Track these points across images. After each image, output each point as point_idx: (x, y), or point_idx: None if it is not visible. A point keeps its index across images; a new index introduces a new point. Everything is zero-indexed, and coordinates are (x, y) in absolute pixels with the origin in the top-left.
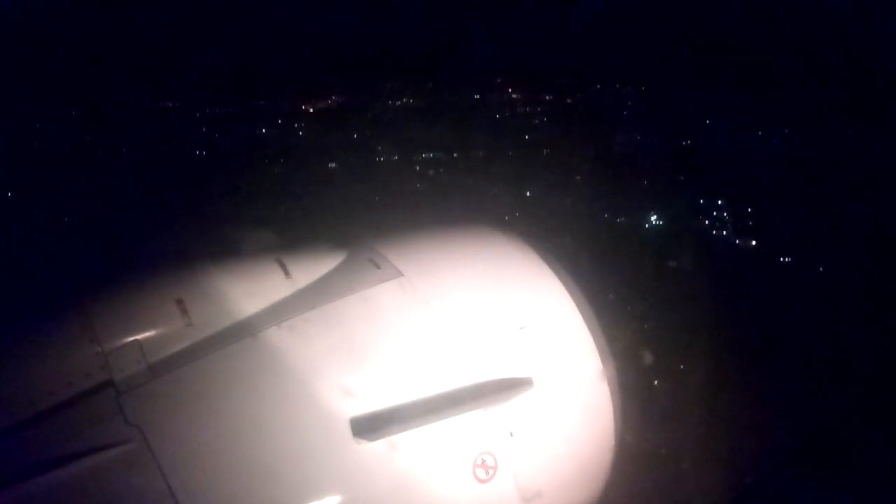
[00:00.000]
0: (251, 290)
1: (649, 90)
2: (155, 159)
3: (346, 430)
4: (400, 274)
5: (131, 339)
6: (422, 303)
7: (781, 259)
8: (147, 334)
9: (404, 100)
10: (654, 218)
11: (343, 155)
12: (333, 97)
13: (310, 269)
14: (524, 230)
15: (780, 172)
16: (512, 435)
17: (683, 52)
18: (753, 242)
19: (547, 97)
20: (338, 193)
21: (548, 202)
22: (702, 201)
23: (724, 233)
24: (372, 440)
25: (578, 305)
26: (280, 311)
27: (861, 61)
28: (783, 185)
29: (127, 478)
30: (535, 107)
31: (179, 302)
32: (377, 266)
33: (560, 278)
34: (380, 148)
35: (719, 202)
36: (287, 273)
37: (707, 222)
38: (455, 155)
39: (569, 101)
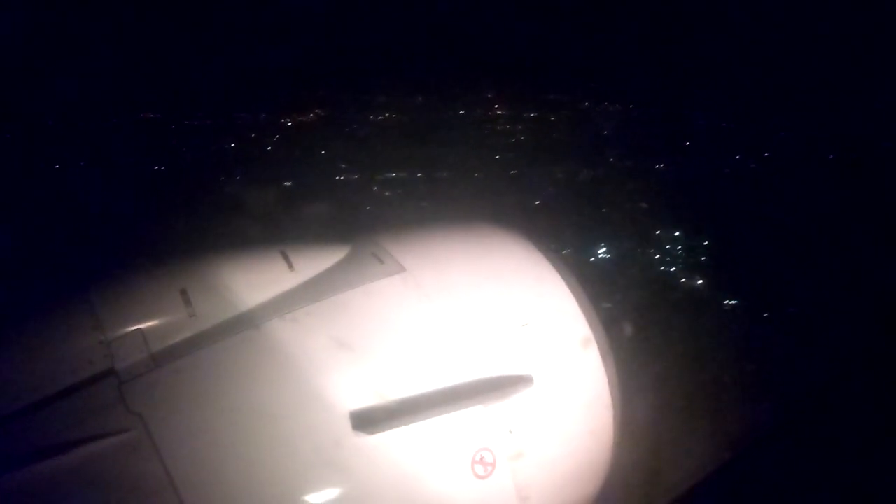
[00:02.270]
0: (255, 282)
1: (636, 109)
2: (131, 169)
3: (346, 423)
4: (402, 269)
5: (134, 328)
6: (424, 298)
7: (724, 302)
8: (150, 324)
9: (387, 114)
10: (601, 251)
11: (305, 171)
12: (317, 110)
13: (313, 262)
14: (528, 228)
15: (751, 202)
16: (511, 432)
17: (673, 72)
18: (699, 282)
19: (532, 114)
20: (288, 212)
21: None
22: (658, 232)
23: (672, 269)
24: (371, 434)
25: (581, 304)
26: (283, 304)
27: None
28: (751, 217)
29: (127, 466)
30: (516, 124)
31: (183, 292)
32: (380, 261)
33: (563, 277)
34: (343, 165)
35: (675, 234)
36: (291, 265)
37: (657, 256)
38: (419, 174)
39: (552, 118)
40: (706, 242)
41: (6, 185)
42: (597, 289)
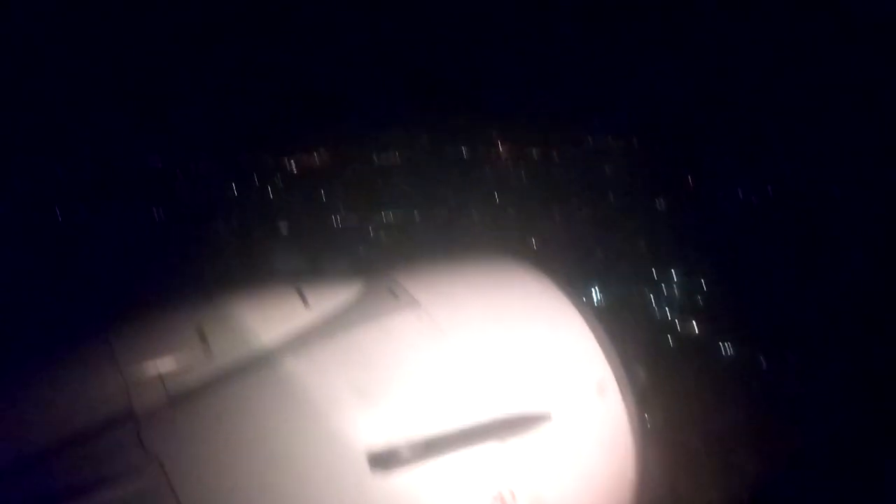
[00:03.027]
0: (271, 319)
1: (640, 144)
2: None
3: (363, 463)
4: (418, 304)
5: (152, 368)
6: (439, 334)
7: (720, 351)
8: (168, 364)
9: (390, 154)
10: (593, 291)
11: (304, 213)
12: (321, 150)
13: (329, 298)
14: (551, 256)
15: (752, 243)
16: (529, 470)
17: (678, 105)
18: (698, 326)
19: (534, 151)
20: (286, 255)
21: None
22: (654, 272)
23: (666, 312)
24: (388, 473)
25: (598, 338)
26: (299, 341)
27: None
28: (750, 259)
29: None
30: (518, 163)
31: (200, 331)
32: (395, 296)
33: (580, 311)
34: (342, 207)
35: (673, 274)
36: (306, 302)
37: (651, 297)
38: (416, 215)
39: (555, 156)
40: (704, 284)
41: (20, 230)
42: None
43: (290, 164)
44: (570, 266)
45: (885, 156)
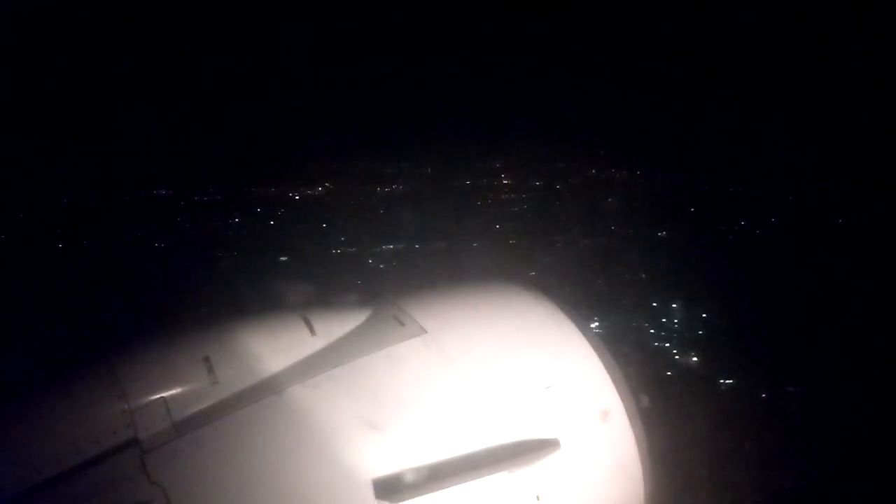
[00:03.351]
0: (277, 347)
1: (643, 175)
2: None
3: (370, 493)
4: (424, 331)
5: (158, 396)
6: (446, 361)
7: (719, 382)
8: (173, 392)
9: (395, 186)
10: (594, 325)
11: (305, 245)
12: (326, 183)
13: (335, 326)
14: (549, 288)
15: (753, 274)
16: (539, 499)
17: (680, 137)
18: (693, 359)
19: (537, 182)
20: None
21: None
22: (655, 304)
23: (667, 345)
24: (394, 503)
25: (605, 364)
26: (305, 369)
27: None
28: (750, 290)
29: None
30: (521, 193)
31: (206, 359)
32: (401, 323)
33: (586, 337)
34: (342, 238)
35: (673, 306)
36: (312, 330)
37: (651, 331)
38: (416, 246)
39: (558, 186)
40: (704, 315)
41: (25, 259)
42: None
43: (295, 196)
44: (570, 295)
45: (886, 188)
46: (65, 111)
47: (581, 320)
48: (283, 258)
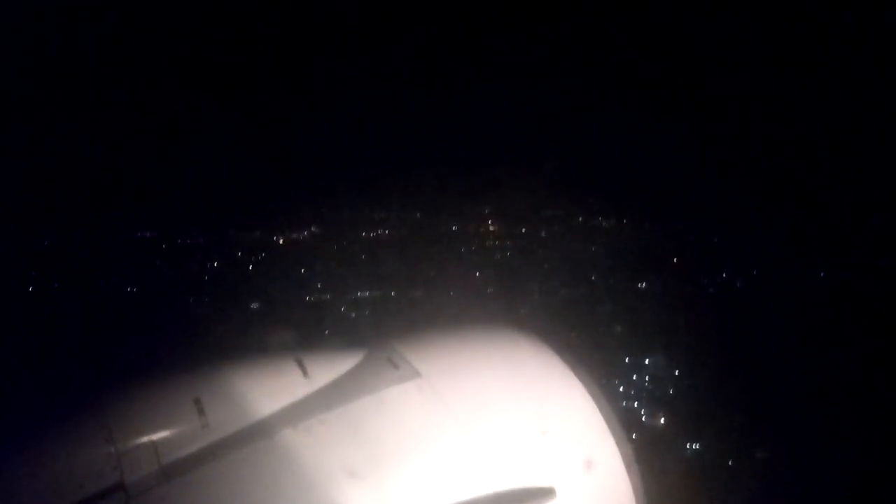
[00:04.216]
0: (269, 390)
1: (630, 223)
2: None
3: None
4: (418, 375)
5: (146, 439)
6: (440, 405)
7: (685, 447)
8: (162, 434)
9: (381, 231)
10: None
11: (277, 291)
12: (312, 228)
13: (328, 369)
14: (546, 332)
15: (734, 329)
16: None
17: (668, 184)
18: (661, 421)
19: (522, 230)
20: (252, 334)
21: None
22: (626, 360)
23: (635, 404)
24: None
25: (602, 411)
26: (297, 412)
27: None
28: (730, 348)
29: None
30: (506, 240)
31: (197, 401)
32: (395, 366)
33: (583, 382)
34: (319, 285)
35: (645, 362)
36: (305, 372)
37: (620, 388)
38: (392, 293)
39: (543, 234)
40: (676, 373)
41: (15, 300)
42: None
43: (281, 240)
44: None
45: (876, 242)
46: (46, 150)
47: (578, 366)
48: (255, 304)
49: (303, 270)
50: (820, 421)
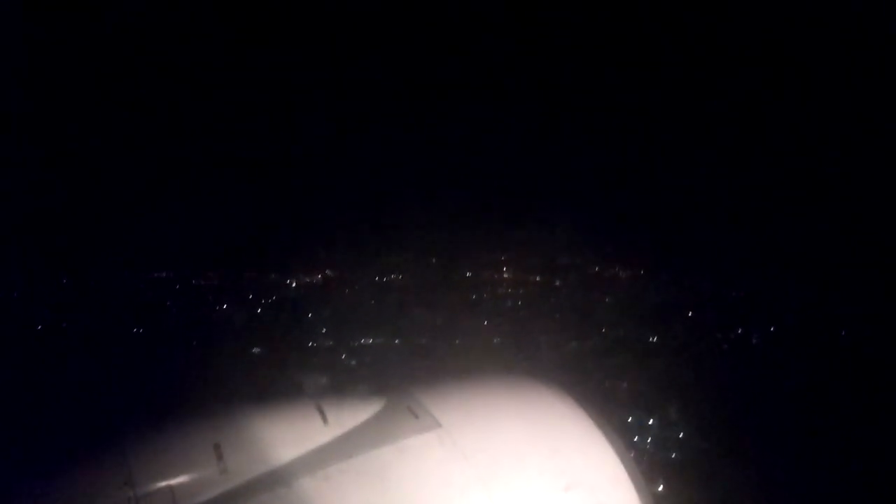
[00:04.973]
0: (289, 437)
1: (646, 274)
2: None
3: None
4: (438, 425)
5: (164, 484)
6: (460, 457)
7: None
8: (181, 479)
9: (393, 276)
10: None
11: (282, 336)
12: (327, 271)
13: (348, 416)
14: (568, 384)
15: (745, 389)
16: None
17: (685, 237)
18: (659, 488)
19: (537, 278)
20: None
21: None
22: (629, 419)
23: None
24: None
25: (626, 465)
26: (316, 460)
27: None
28: (732, 409)
29: None
30: (518, 288)
31: (217, 447)
32: (415, 416)
33: (606, 435)
34: (324, 330)
35: (650, 422)
36: (325, 419)
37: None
38: (396, 341)
39: (557, 283)
40: (681, 435)
41: (38, 346)
42: None
43: (294, 283)
44: None
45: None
46: (59, 185)
47: (601, 418)
48: (264, 349)
49: (316, 314)
50: (832, 484)
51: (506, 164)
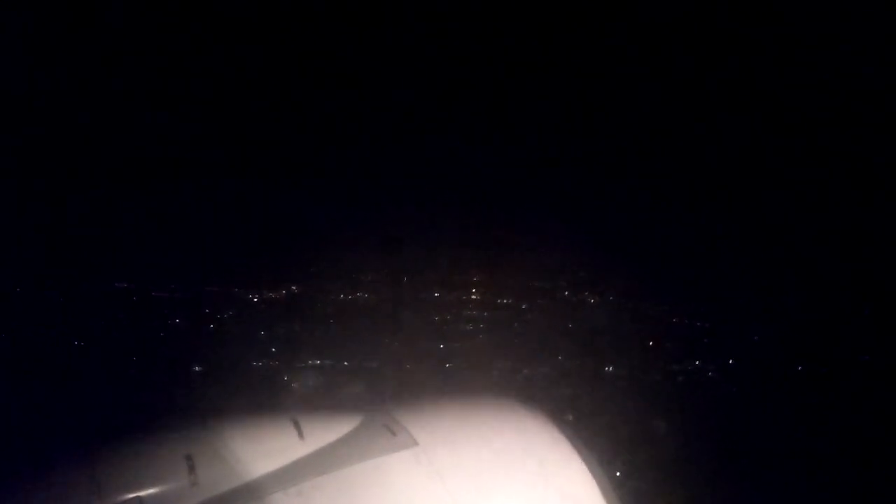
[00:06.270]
0: (263, 450)
1: (617, 301)
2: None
3: None
4: (415, 443)
5: (133, 495)
6: (436, 476)
7: None
8: (150, 491)
9: (358, 294)
10: None
11: (227, 353)
12: (292, 287)
13: (325, 432)
14: (549, 406)
15: (721, 423)
16: None
17: (660, 263)
18: None
19: (506, 301)
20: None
21: None
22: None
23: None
24: None
25: (602, 489)
26: (290, 475)
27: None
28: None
29: None
30: (483, 311)
31: (188, 458)
32: (393, 433)
33: (583, 459)
34: (273, 349)
35: (617, 475)
36: (301, 434)
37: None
38: (345, 363)
39: (524, 306)
40: (617, 473)
41: (9, 356)
42: None
43: (256, 298)
44: None
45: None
46: (28, 195)
47: (579, 442)
48: (195, 368)
49: (262, 332)
50: None
51: (483, 187)
